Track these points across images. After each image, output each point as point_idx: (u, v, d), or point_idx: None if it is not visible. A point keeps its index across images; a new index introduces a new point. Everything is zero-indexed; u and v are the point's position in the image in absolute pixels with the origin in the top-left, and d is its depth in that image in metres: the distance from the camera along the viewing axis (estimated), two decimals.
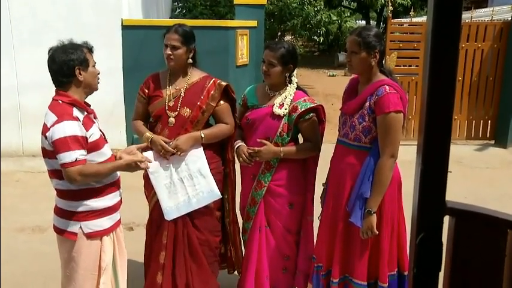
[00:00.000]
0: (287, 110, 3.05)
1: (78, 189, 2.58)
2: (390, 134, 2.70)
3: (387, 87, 2.71)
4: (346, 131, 2.88)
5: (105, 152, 2.68)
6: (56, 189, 2.68)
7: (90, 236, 2.62)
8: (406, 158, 2.94)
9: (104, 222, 2.67)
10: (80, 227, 2.61)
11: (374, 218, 2.74)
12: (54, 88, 2.64)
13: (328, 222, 2.98)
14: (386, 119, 2.70)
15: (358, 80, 2.96)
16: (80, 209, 2.60)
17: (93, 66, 2.66)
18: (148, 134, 3.09)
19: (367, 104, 2.77)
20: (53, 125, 2.48)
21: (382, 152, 2.73)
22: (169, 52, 3.03)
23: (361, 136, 2.80)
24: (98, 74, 2.69)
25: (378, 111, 2.72)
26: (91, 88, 2.67)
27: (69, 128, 2.47)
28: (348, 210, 2.84)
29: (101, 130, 2.72)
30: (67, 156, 2.45)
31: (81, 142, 2.50)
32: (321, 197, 3.18)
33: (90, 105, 2.73)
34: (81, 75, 2.58)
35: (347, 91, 3.02)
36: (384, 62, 2.88)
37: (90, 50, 2.68)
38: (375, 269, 2.87)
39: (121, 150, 2.84)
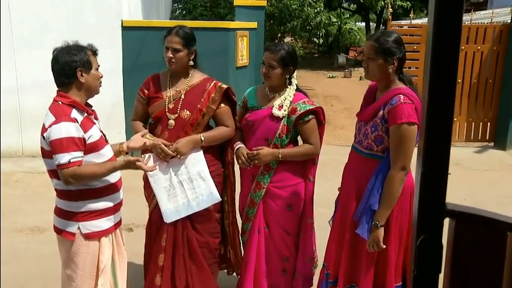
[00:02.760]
0: (286, 112, 3.05)
1: (77, 189, 2.58)
2: (402, 146, 2.61)
3: (402, 96, 2.61)
4: (360, 139, 2.82)
5: (105, 153, 2.67)
6: (55, 189, 2.69)
7: (88, 236, 2.62)
8: None
9: (103, 223, 2.66)
10: (78, 228, 2.61)
11: (381, 232, 2.67)
12: (54, 89, 2.64)
13: (337, 229, 2.96)
14: (398, 130, 2.60)
15: (376, 87, 2.87)
16: (79, 209, 2.60)
17: (96, 69, 2.65)
18: (149, 136, 3.09)
19: (381, 113, 2.68)
20: (50, 126, 2.49)
21: (392, 163, 2.64)
22: (171, 55, 3.02)
23: (372, 145, 2.74)
24: (101, 77, 2.68)
25: (391, 121, 2.62)
26: (92, 91, 2.66)
27: (66, 129, 2.47)
28: (355, 220, 2.79)
29: (102, 131, 2.72)
30: (61, 158, 2.46)
31: (78, 143, 2.49)
32: (335, 202, 3.11)
33: (91, 106, 2.73)
34: (82, 77, 2.57)
35: (365, 97, 2.95)
36: (403, 68, 2.77)
37: (95, 52, 2.67)
38: (382, 280, 2.82)
39: (125, 142, 2.86)
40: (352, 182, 2.86)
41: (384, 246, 2.70)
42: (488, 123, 8.31)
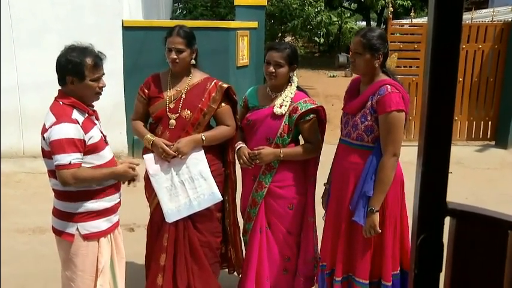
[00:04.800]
0: (287, 108, 3.06)
1: (75, 190, 2.58)
2: (392, 133, 2.72)
3: (389, 86, 2.74)
4: (349, 131, 2.89)
5: (105, 155, 2.67)
6: (53, 189, 2.68)
7: (87, 237, 2.62)
8: (407, 158, 2.95)
9: (101, 224, 2.67)
10: (77, 228, 2.61)
11: (376, 217, 2.76)
12: (54, 89, 2.64)
13: (331, 221, 3.00)
14: (388, 118, 2.72)
15: (359, 80, 2.98)
16: (77, 210, 2.60)
17: (93, 80, 2.57)
18: (150, 136, 3.08)
19: (369, 103, 2.79)
20: (51, 126, 2.48)
21: (384, 151, 2.75)
22: (175, 56, 3.01)
23: (363, 135, 2.82)
24: (100, 87, 2.62)
25: (380, 110, 2.74)
26: (83, 100, 2.61)
27: (66, 131, 2.46)
28: (351, 210, 2.85)
29: (102, 132, 2.71)
30: (61, 159, 2.45)
31: (78, 145, 2.49)
32: (322, 198, 3.18)
33: (93, 106, 2.72)
34: (73, 84, 2.55)
35: (349, 91, 3.04)
36: (386, 62, 2.90)
37: (96, 63, 2.57)
38: (378, 268, 2.88)
39: (120, 161, 2.85)
40: (345, 174, 2.91)
41: (380, 231, 2.78)
42: (489, 122, 8.30)
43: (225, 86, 3.14)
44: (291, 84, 3.13)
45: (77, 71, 2.52)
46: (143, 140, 3.12)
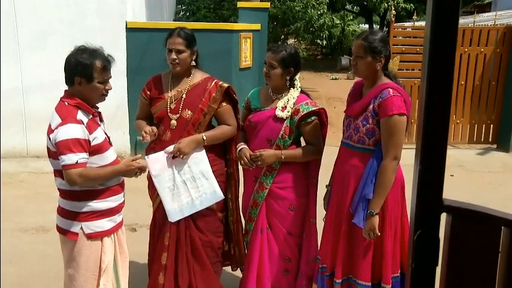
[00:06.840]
0: (289, 113, 3.07)
1: (80, 190, 2.60)
2: (393, 137, 2.73)
3: (391, 90, 2.75)
4: (350, 133, 2.91)
5: (108, 156, 2.69)
6: (59, 189, 2.71)
7: (90, 236, 2.65)
8: (409, 161, 2.96)
9: (105, 224, 2.69)
10: (81, 228, 2.63)
11: (376, 219, 2.77)
12: (58, 90, 2.67)
13: (332, 223, 3.01)
14: (389, 121, 2.73)
15: (362, 83, 2.99)
16: (82, 209, 2.63)
17: (101, 82, 2.60)
18: (148, 128, 3.11)
19: (371, 106, 2.80)
20: (56, 127, 2.51)
21: (385, 154, 2.76)
22: (174, 56, 3.04)
23: (364, 138, 2.83)
24: (106, 89, 2.65)
25: (382, 113, 2.75)
26: (89, 101, 2.64)
27: (72, 131, 2.49)
28: (351, 212, 2.87)
29: (106, 133, 2.74)
30: (68, 158, 2.48)
31: (83, 145, 2.52)
32: (324, 199, 3.20)
33: (97, 108, 2.75)
34: (80, 85, 2.58)
35: (351, 94, 3.06)
36: (388, 65, 2.92)
37: (105, 66, 2.62)
38: (379, 271, 2.90)
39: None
40: (346, 176, 2.93)
41: (379, 233, 2.79)
42: (491, 125, 8.31)
43: (225, 85, 3.16)
44: (295, 88, 3.15)
45: (85, 72, 2.55)
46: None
